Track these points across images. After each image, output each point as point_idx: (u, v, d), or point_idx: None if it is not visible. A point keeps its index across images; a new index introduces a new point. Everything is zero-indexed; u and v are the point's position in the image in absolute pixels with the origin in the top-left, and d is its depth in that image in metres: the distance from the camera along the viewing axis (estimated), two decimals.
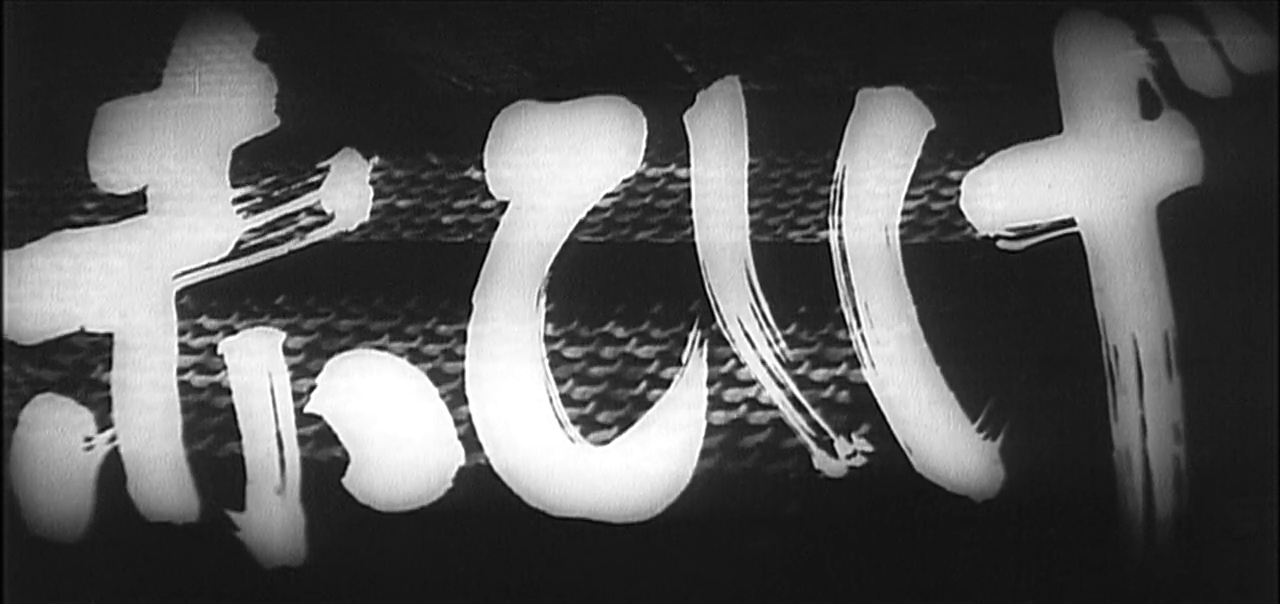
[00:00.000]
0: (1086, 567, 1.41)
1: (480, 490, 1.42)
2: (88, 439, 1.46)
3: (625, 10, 1.51)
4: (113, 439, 1.46)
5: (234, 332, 1.47)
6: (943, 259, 1.43)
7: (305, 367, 1.45)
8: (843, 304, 1.43)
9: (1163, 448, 1.40)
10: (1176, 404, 1.41)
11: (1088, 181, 1.44)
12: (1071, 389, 1.41)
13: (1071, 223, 1.44)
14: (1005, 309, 1.43)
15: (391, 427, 1.44)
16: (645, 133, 1.47)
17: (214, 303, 1.47)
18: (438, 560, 1.44)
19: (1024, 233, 1.44)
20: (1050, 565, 1.41)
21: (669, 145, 1.47)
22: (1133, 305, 1.42)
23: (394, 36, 1.52)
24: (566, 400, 1.43)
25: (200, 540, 1.46)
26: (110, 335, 1.47)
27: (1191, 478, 1.40)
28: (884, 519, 1.42)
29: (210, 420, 1.46)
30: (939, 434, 1.41)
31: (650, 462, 1.42)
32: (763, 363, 1.43)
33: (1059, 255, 1.43)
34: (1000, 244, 1.44)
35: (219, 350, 1.46)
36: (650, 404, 1.43)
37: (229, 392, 1.46)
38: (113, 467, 1.46)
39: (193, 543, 1.46)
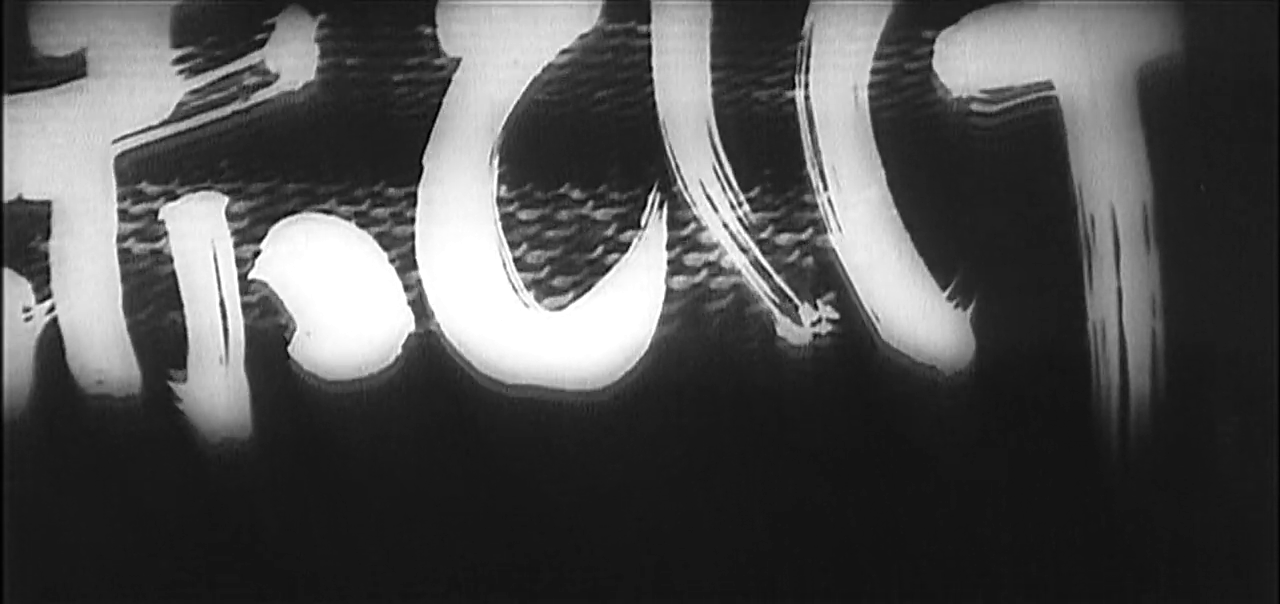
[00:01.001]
0: (1058, 441, 1.38)
1: (430, 358, 1.39)
2: (26, 310, 1.42)
3: None
4: (51, 310, 1.42)
5: (175, 197, 1.42)
6: (914, 122, 1.39)
7: (249, 232, 1.42)
8: (809, 167, 1.38)
9: (1139, 321, 1.37)
10: (1154, 277, 1.38)
11: (1066, 44, 1.39)
12: (1045, 258, 1.38)
13: (1049, 87, 1.39)
14: (978, 174, 1.39)
15: (338, 293, 1.40)
16: None
17: (154, 168, 1.43)
18: (387, 431, 1.41)
19: (999, 96, 1.39)
20: (1021, 439, 1.39)
21: (629, 0, 1.41)
22: (1111, 174, 1.38)
23: None
24: (520, 265, 1.40)
25: (142, 413, 1.43)
26: (48, 203, 1.43)
27: (1168, 353, 1.37)
28: (849, 389, 1.38)
29: (151, 289, 1.42)
30: (908, 302, 1.38)
31: (607, 328, 1.39)
32: (725, 227, 1.39)
33: (1035, 120, 1.39)
34: (974, 107, 1.39)
35: (160, 217, 1.42)
36: (607, 268, 1.39)
37: (170, 259, 1.42)
38: (52, 338, 1.42)
39: (134, 415, 1.43)
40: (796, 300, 1.38)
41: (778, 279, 1.38)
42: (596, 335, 1.39)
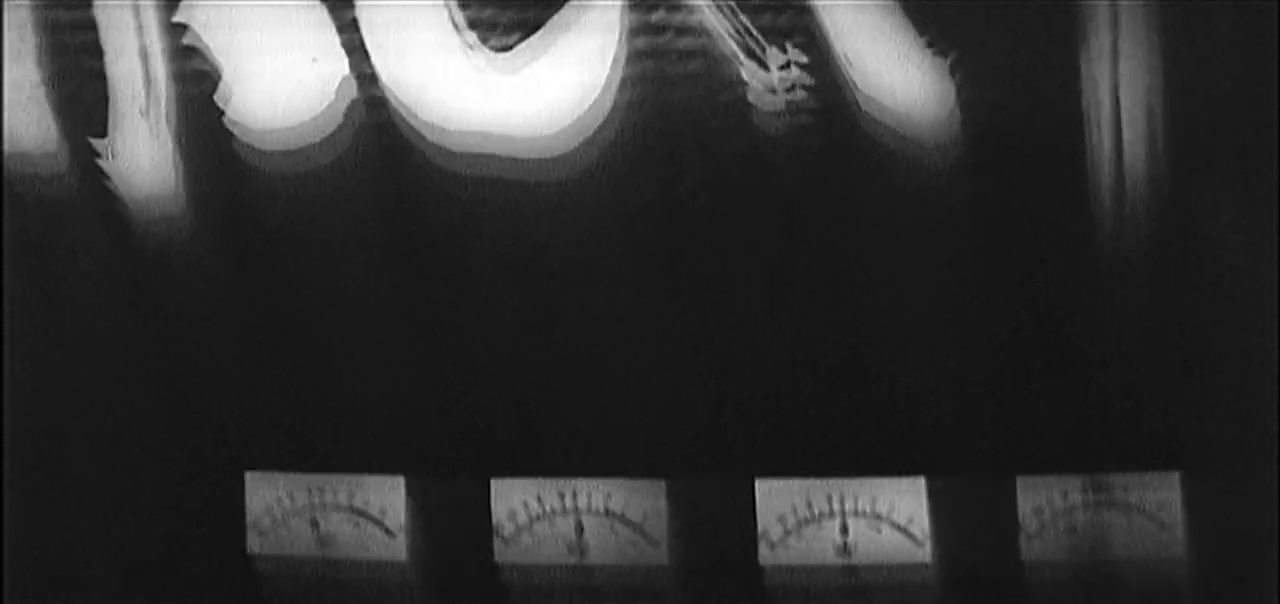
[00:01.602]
0: (1047, 218, 1.29)
1: (366, 106, 1.31)
2: None
3: None
4: None
5: None
6: None
7: None
8: None
9: (1137, 88, 1.27)
10: (1153, 36, 1.27)
11: None
12: (1035, 6, 1.26)
13: None
14: None
15: (267, 36, 1.31)
16: None
17: None
18: (321, 187, 1.32)
19: None
20: (1006, 200, 1.30)
21: None
22: None
23: None
24: (463, 2, 1.29)
25: (61, 173, 1.35)
26: None
27: (1169, 124, 1.28)
28: (824, 148, 1.29)
29: (67, 36, 1.34)
30: (885, 51, 1.27)
31: (561, 71, 1.29)
32: None
33: None
34: None
35: None
36: (561, 4, 1.29)
37: (88, 3, 1.33)
38: None
39: (53, 178, 1.35)
40: (763, 42, 1.28)
41: (742, 18, 1.28)
42: (549, 79, 1.29)
